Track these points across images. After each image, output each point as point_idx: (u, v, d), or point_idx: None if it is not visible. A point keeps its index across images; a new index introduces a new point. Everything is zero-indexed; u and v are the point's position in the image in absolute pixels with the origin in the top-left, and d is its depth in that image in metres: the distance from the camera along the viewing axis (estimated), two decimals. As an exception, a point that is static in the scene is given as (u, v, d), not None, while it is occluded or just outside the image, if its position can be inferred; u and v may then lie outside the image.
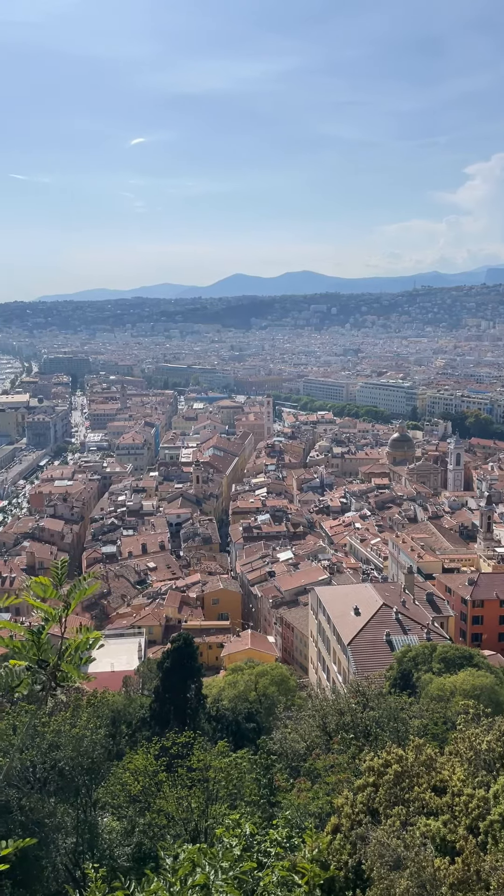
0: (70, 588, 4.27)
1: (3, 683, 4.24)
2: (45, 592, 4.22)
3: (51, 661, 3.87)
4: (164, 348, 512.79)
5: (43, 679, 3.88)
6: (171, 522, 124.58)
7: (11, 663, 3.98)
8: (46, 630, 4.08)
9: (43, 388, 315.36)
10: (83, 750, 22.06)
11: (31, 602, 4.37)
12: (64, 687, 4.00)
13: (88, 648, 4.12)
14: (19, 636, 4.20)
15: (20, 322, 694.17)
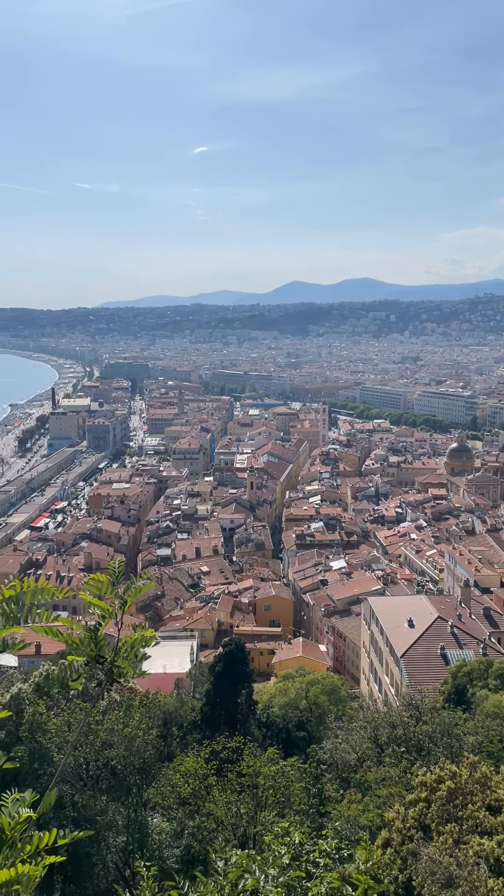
0: (126, 587, 4.33)
1: (60, 678, 4.32)
2: (102, 590, 4.28)
3: (108, 658, 3.93)
4: (222, 354, 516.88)
5: (100, 674, 3.94)
6: (225, 527, 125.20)
7: (70, 659, 4.05)
8: (103, 627, 4.14)
9: (103, 393, 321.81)
10: (135, 749, 22.33)
11: (88, 599, 4.45)
12: (120, 683, 4.05)
13: (144, 646, 4.16)
14: (77, 633, 4.28)
15: (83, 328, 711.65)
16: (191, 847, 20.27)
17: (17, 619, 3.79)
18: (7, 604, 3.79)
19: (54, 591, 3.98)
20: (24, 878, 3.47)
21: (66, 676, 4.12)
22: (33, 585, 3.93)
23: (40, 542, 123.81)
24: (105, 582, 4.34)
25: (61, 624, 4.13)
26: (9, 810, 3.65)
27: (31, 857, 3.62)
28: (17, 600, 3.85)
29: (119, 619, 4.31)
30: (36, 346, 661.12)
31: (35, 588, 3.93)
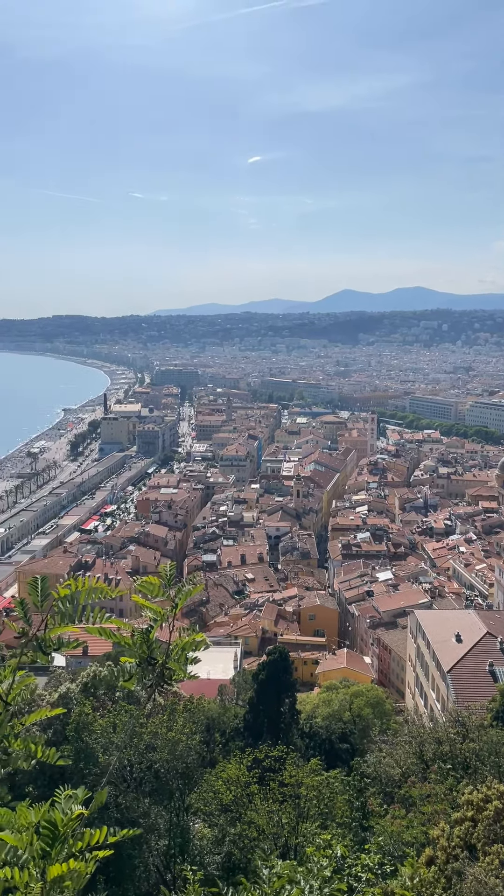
0: (177, 590, 4.37)
1: (113, 679, 4.39)
2: (153, 592, 4.33)
3: (159, 660, 3.97)
4: (271, 362, 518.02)
5: (152, 676, 3.99)
6: (271, 535, 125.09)
7: (122, 660, 4.11)
8: (155, 629, 4.19)
9: (154, 399, 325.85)
10: (178, 754, 22.43)
11: (140, 602, 4.51)
12: (170, 685, 4.09)
13: (194, 649, 4.19)
14: (129, 634, 4.34)
15: (135, 335, 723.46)
16: (232, 854, 20.22)
17: (72, 618, 3.87)
18: (62, 602, 3.87)
19: (108, 591, 4.05)
20: (75, 875, 3.53)
21: (119, 677, 4.18)
22: (87, 585, 4.00)
23: (90, 545, 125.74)
24: (157, 584, 4.40)
25: (114, 625, 4.20)
26: (62, 806, 3.71)
27: (80, 854, 3.68)
28: (71, 599, 3.93)
29: (170, 621, 4.35)
30: (90, 352, 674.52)
31: (89, 588, 4.00)
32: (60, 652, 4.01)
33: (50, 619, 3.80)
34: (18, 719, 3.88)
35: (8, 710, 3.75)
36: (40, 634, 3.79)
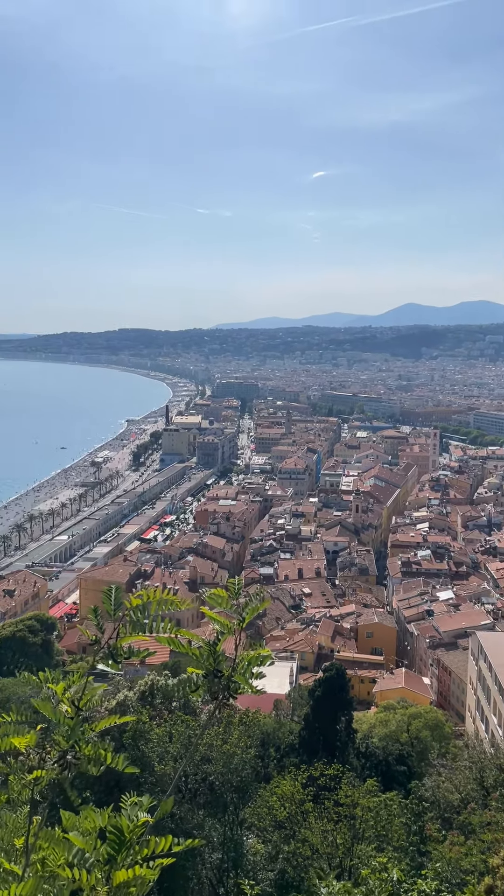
0: (245, 602, 4.42)
1: (170, 690, 4.45)
2: (221, 604, 4.38)
3: (225, 673, 4.02)
4: (331, 376, 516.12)
5: (217, 688, 4.03)
6: (328, 550, 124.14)
7: (189, 671, 4.17)
8: (222, 642, 4.24)
9: (214, 411, 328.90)
10: (233, 767, 22.41)
11: (208, 614, 4.56)
12: (235, 697, 4.12)
13: (259, 664, 4.22)
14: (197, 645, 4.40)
15: (198, 348, 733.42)
16: (285, 872, 20.03)
17: (143, 627, 3.95)
18: (134, 611, 3.96)
19: (178, 603, 4.12)
20: (140, 881, 3.58)
21: (184, 688, 4.23)
22: (158, 596, 4.08)
23: (149, 554, 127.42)
24: (225, 597, 4.44)
25: (183, 636, 4.27)
26: (127, 813, 3.78)
27: (145, 861, 3.73)
28: (143, 609, 4.02)
29: (237, 635, 4.39)
30: (153, 364, 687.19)
31: (160, 599, 4.08)
32: (131, 661, 4.09)
33: (122, 628, 3.89)
34: (89, 724, 3.98)
35: (79, 715, 3.85)
36: (112, 642, 3.88)
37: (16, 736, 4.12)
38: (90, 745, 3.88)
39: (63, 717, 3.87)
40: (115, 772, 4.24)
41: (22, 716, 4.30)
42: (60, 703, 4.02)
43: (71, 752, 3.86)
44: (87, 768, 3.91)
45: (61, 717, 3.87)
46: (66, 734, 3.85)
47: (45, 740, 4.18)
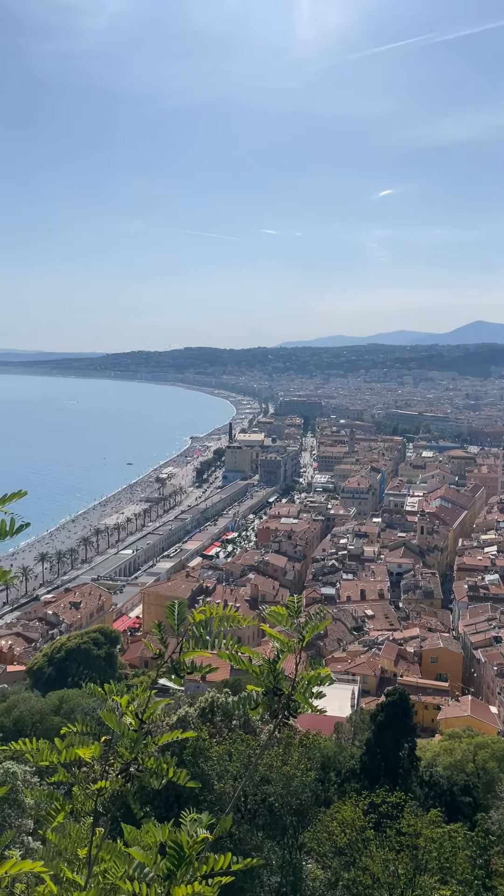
0: (305, 621, 4.41)
1: (232, 708, 4.46)
2: (282, 622, 4.39)
3: (285, 691, 4.01)
4: (396, 395, 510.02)
5: (278, 707, 4.03)
6: (392, 571, 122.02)
7: (249, 688, 4.18)
8: (282, 660, 4.24)
9: (277, 429, 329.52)
10: (292, 789, 22.14)
11: (268, 631, 4.57)
12: (295, 717, 4.11)
13: (320, 684, 4.20)
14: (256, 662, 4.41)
15: (262, 366, 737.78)
16: (344, 900, 19.60)
17: (206, 644, 3.99)
18: (197, 627, 4.01)
19: (240, 619, 4.15)
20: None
21: (244, 705, 4.24)
22: (221, 612, 4.12)
23: (210, 570, 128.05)
24: (285, 615, 4.45)
25: (245, 653, 4.29)
26: (187, 829, 3.80)
27: (204, 878, 3.74)
28: (205, 625, 4.06)
29: (297, 654, 4.38)
30: (217, 382, 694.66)
31: (222, 615, 4.12)
32: (192, 676, 4.14)
33: (185, 643, 3.94)
34: (152, 738, 4.03)
35: (143, 727, 3.91)
36: (175, 657, 3.94)
37: (81, 746, 4.21)
38: (152, 758, 3.93)
39: (127, 729, 3.93)
40: (175, 788, 4.29)
41: (87, 727, 4.39)
42: (125, 716, 4.09)
43: (134, 764, 3.92)
44: (150, 781, 3.96)
45: (125, 730, 3.94)
46: (129, 746, 3.91)
47: (108, 752, 4.26)
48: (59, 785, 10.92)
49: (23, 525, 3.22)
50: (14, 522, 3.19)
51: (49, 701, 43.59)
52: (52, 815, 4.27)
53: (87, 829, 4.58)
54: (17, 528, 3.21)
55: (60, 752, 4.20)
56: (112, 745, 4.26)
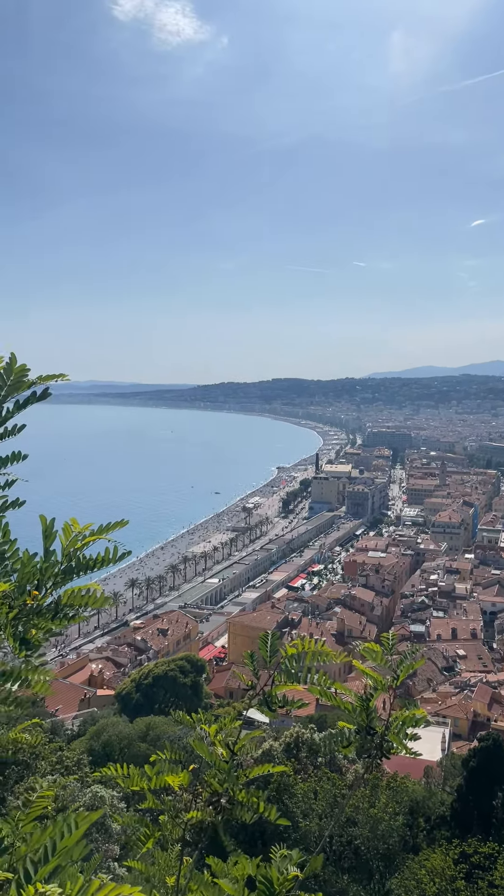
0: (400, 659, 4.32)
1: (321, 745, 4.41)
2: (376, 659, 4.32)
3: (378, 730, 3.94)
4: (490, 426, 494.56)
5: (371, 746, 3.96)
6: (486, 610, 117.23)
7: (340, 725, 4.13)
8: (375, 698, 4.17)
9: (364, 460, 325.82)
10: (379, 833, 21.44)
11: (360, 667, 4.51)
12: (388, 757, 4.02)
13: (414, 725, 4.10)
14: (348, 699, 4.35)
15: (349, 397, 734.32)
16: None
17: (298, 678, 3.97)
18: (289, 660, 4.00)
19: (332, 655, 4.11)
20: (289, 937, 3.54)
21: (336, 743, 4.18)
22: (313, 647, 4.10)
23: (296, 602, 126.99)
24: (379, 651, 4.38)
25: (338, 689, 4.24)
26: (276, 864, 3.77)
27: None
28: (298, 658, 4.04)
29: (391, 692, 4.30)
30: (304, 413, 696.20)
31: (314, 650, 4.10)
32: (285, 710, 4.12)
33: (277, 676, 3.94)
34: (242, 770, 4.04)
35: (234, 759, 3.93)
36: (267, 689, 3.94)
37: (170, 774, 4.26)
38: (244, 791, 3.93)
39: (219, 760, 3.96)
40: (260, 823, 4.26)
41: (175, 755, 4.44)
42: (215, 746, 4.12)
43: (225, 795, 3.93)
44: (241, 814, 3.95)
45: (217, 760, 3.96)
46: (221, 778, 3.93)
47: (196, 781, 4.28)
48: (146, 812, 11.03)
49: (125, 553, 3.34)
50: (117, 550, 3.31)
51: (136, 727, 44.12)
52: (142, 840, 4.31)
53: (175, 857, 4.60)
54: (119, 556, 3.33)
55: (150, 779, 4.26)
56: (199, 774, 4.29)
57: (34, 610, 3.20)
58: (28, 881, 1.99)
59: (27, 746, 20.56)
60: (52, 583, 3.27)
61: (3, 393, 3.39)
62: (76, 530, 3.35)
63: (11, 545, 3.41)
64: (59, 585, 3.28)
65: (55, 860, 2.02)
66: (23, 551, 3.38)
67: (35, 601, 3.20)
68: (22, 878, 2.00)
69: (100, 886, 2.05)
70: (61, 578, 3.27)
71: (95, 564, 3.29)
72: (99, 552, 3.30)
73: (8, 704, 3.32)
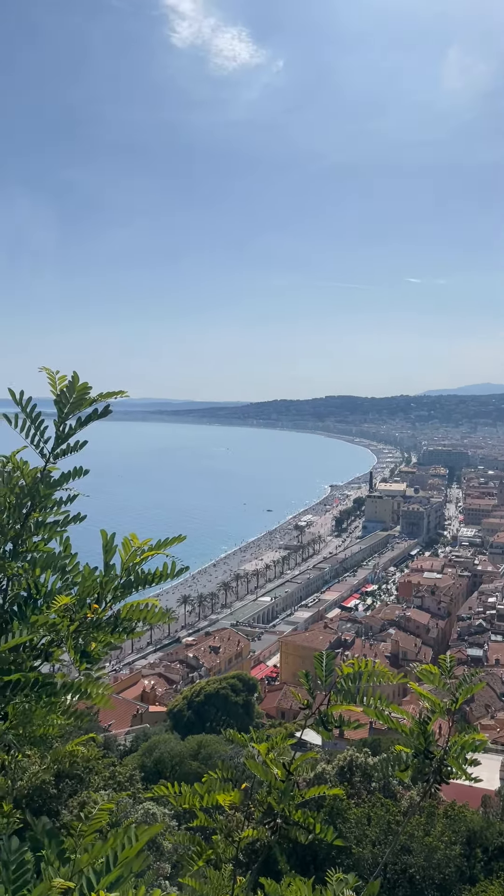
0: (458, 682, 4.23)
1: (377, 769, 4.34)
2: (434, 682, 4.24)
3: (436, 755, 3.85)
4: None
5: (429, 770, 3.87)
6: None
7: (397, 748, 4.06)
8: (433, 721, 4.08)
9: (420, 479, 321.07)
10: (435, 862, 20.81)
11: (417, 690, 4.43)
12: (447, 783, 3.93)
13: (474, 750, 3.99)
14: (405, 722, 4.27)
15: (404, 415, 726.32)
16: None
17: (353, 698, 3.92)
18: (345, 681, 3.96)
19: (390, 676, 4.05)
20: None
21: (393, 766, 4.11)
22: (370, 667, 4.05)
23: (349, 623, 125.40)
24: (437, 674, 4.30)
25: (393, 711, 4.17)
26: (332, 888, 3.71)
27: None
28: (354, 678, 4.00)
29: (449, 716, 4.20)
30: (357, 431, 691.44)
31: (371, 670, 4.05)
32: (342, 730, 4.07)
33: (333, 696, 3.90)
34: (299, 790, 4.00)
35: (290, 779, 3.90)
36: (323, 709, 3.90)
37: (221, 793, 4.25)
38: (300, 811, 3.89)
39: (274, 779, 3.93)
40: (312, 847, 4.20)
41: (227, 773, 4.43)
42: (269, 765, 4.09)
43: (280, 815, 3.90)
44: (296, 834, 3.91)
45: (273, 780, 3.94)
46: (277, 797, 3.90)
47: (248, 800, 4.25)
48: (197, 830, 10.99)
49: (183, 568, 3.37)
50: (175, 565, 3.35)
51: (188, 745, 44.09)
52: (194, 858, 4.30)
53: (227, 876, 4.56)
54: (177, 571, 3.37)
55: (202, 797, 4.25)
56: (251, 793, 4.26)
57: (94, 623, 3.26)
58: (90, 890, 2.01)
59: (81, 760, 20.71)
60: (112, 596, 3.33)
61: (66, 410, 3.49)
62: (135, 545, 3.41)
63: (73, 559, 3.48)
64: (118, 599, 3.33)
65: (117, 870, 2.04)
66: (83, 565, 3.46)
67: (95, 614, 3.26)
68: (84, 886, 2.03)
69: (159, 899, 2.06)
70: (121, 592, 3.33)
71: (154, 579, 3.34)
72: (157, 567, 3.35)
73: (68, 717, 3.38)
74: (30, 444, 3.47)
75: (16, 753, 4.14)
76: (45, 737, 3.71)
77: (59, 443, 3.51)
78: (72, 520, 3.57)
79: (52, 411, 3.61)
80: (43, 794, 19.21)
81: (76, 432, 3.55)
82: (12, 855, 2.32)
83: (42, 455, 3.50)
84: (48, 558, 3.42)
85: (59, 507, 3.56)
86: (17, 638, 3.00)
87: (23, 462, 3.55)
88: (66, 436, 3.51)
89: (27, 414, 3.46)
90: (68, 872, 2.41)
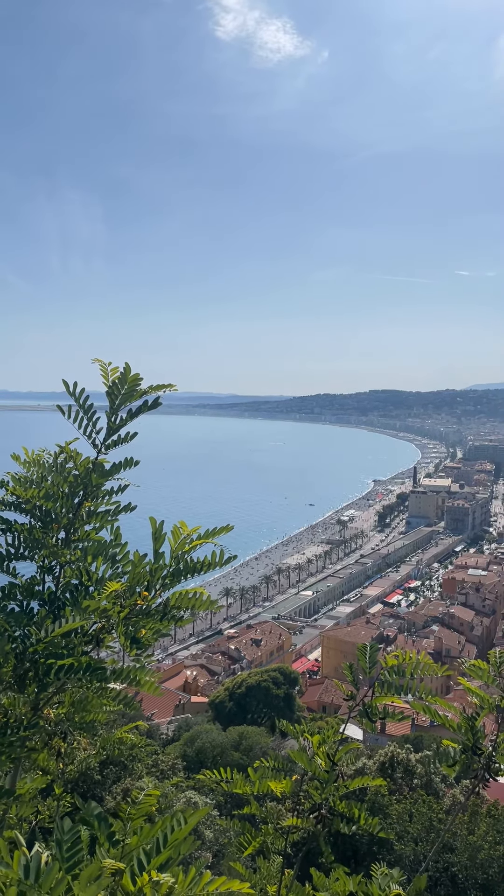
0: (507, 679, 4.17)
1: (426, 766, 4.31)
2: (483, 678, 4.20)
3: (484, 751, 3.81)
4: None
5: (477, 766, 3.84)
6: None
7: (445, 743, 4.03)
8: (481, 717, 4.04)
9: (465, 475, 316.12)
10: (478, 862, 20.53)
11: (466, 685, 4.39)
12: (495, 779, 3.89)
13: (524, 748, 3.94)
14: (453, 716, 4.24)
15: (449, 409, 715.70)
16: None
17: (398, 690, 3.91)
18: (390, 672, 3.95)
19: (436, 669, 4.02)
20: None
21: (441, 761, 4.08)
22: (416, 659, 4.03)
23: (392, 619, 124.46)
24: (486, 669, 4.25)
25: (439, 705, 4.15)
26: (378, 882, 3.71)
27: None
28: (399, 670, 3.99)
29: (498, 713, 4.15)
30: (402, 425, 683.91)
31: (416, 662, 4.03)
32: (386, 722, 4.06)
33: (377, 687, 3.90)
34: (343, 781, 4.01)
35: (334, 769, 3.91)
36: (367, 701, 3.90)
37: (273, 781, 4.28)
38: (344, 802, 3.90)
39: (319, 769, 3.95)
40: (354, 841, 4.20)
41: (278, 763, 4.46)
42: (316, 757, 4.11)
43: (325, 806, 3.91)
44: (340, 826, 3.92)
45: (317, 770, 3.95)
46: (320, 787, 3.92)
47: (298, 791, 4.28)
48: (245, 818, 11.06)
49: (231, 557, 3.41)
50: (223, 554, 3.39)
51: (229, 736, 44.38)
52: (244, 845, 4.35)
53: (277, 866, 4.60)
54: (225, 560, 3.40)
55: (254, 784, 4.29)
56: (302, 784, 4.28)
57: (144, 610, 3.32)
58: (141, 870, 2.06)
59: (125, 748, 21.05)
60: (161, 584, 3.39)
61: (118, 402, 3.55)
62: (184, 533, 3.46)
63: (123, 548, 3.55)
64: (167, 587, 3.39)
65: (167, 852, 2.08)
66: (133, 553, 3.53)
67: (145, 602, 3.32)
68: (136, 867, 2.07)
69: (210, 880, 2.10)
70: (170, 580, 3.38)
71: (203, 567, 3.38)
72: (206, 556, 3.39)
73: (118, 703, 3.45)
74: (82, 434, 3.54)
75: (72, 740, 4.24)
76: (93, 723, 3.80)
77: (110, 434, 3.57)
78: (122, 509, 3.63)
79: (102, 403, 3.67)
80: (88, 781, 19.60)
81: (126, 423, 3.61)
82: (66, 834, 2.39)
83: (94, 446, 3.57)
84: (99, 546, 3.49)
85: (110, 496, 3.63)
86: (69, 623, 3.07)
87: (76, 452, 3.63)
88: (118, 427, 3.58)
89: (80, 405, 3.53)
90: (118, 854, 2.47)
